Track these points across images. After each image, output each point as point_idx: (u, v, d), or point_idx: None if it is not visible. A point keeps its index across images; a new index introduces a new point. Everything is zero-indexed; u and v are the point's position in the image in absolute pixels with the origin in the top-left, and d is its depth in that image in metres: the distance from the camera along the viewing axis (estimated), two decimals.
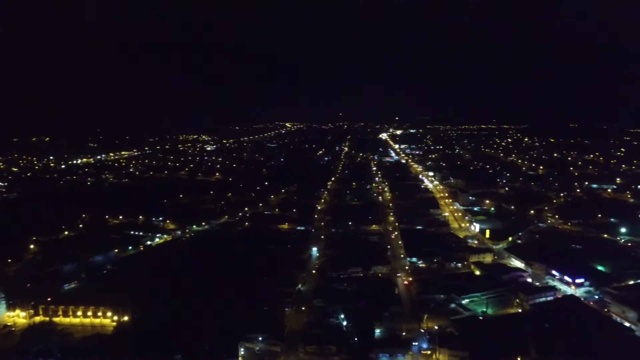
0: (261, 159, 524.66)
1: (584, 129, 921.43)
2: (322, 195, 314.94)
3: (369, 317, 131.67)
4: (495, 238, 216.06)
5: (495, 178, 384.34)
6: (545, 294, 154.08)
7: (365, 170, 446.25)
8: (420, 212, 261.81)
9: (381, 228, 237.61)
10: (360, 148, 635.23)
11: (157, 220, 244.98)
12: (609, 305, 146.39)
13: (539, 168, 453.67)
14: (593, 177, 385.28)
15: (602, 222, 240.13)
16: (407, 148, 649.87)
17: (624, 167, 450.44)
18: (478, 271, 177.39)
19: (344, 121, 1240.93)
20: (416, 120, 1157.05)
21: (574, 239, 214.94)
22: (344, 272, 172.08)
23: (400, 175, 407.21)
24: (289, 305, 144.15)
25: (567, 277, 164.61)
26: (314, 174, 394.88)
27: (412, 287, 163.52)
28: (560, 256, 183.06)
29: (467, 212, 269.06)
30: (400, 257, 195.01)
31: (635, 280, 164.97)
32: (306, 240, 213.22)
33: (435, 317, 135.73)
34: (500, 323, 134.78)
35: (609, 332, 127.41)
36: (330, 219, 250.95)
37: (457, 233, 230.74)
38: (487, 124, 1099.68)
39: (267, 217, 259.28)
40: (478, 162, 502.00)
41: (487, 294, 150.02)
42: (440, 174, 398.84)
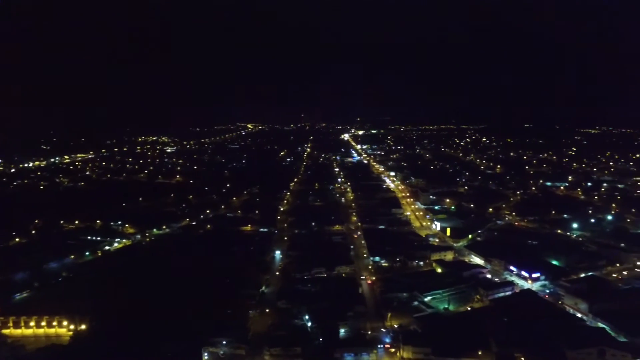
0: (223, 161, 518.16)
1: (538, 129, 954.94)
2: (285, 196, 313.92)
3: (334, 317, 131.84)
4: (455, 236, 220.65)
5: (455, 177, 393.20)
6: (503, 289, 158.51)
7: (328, 170, 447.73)
8: (383, 211, 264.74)
9: (344, 228, 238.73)
10: (322, 149, 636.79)
11: (116, 224, 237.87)
12: (563, 298, 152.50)
13: (496, 167, 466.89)
14: (547, 176, 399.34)
15: (555, 219, 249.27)
16: (369, 148, 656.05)
17: (575, 166, 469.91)
18: (439, 269, 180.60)
19: (305, 122, 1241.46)
20: (377, 120, 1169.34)
21: (530, 235, 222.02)
22: (308, 273, 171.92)
23: (362, 175, 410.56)
24: (253, 308, 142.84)
25: (524, 272, 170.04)
26: (276, 175, 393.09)
27: (375, 286, 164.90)
28: (517, 252, 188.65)
29: (428, 211, 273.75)
30: (364, 257, 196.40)
31: (586, 273, 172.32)
32: (269, 241, 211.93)
33: (399, 315, 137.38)
34: (462, 319, 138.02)
35: (563, 323, 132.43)
36: (293, 220, 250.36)
37: (418, 232, 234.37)
38: (447, 124, 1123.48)
39: (229, 219, 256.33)
40: (438, 161, 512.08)
41: (449, 291, 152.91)
42: (402, 174, 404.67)
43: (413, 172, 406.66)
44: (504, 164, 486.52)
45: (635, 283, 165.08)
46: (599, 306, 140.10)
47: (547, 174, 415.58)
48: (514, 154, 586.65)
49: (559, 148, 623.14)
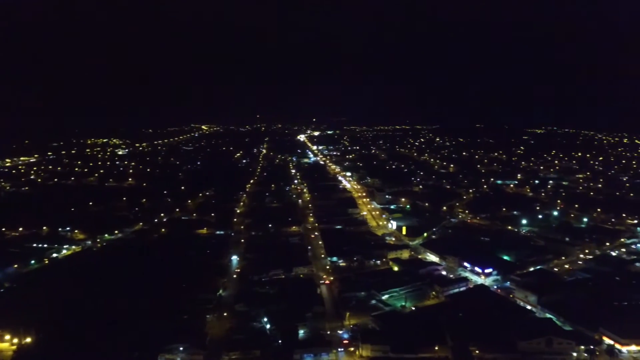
0: (177, 163, 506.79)
1: (489, 129, 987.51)
2: (241, 198, 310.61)
3: (292, 319, 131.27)
4: (411, 234, 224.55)
5: (410, 177, 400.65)
6: (458, 285, 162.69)
7: (284, 171, 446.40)
8: (339, 211, 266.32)
9: (301, 229, 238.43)
10: (278, 150, 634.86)
11: (64, 230, 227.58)
12: (514, 291, 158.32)
13: (449, 166, 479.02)
14: (497, 174, 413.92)
15: (506, 215, 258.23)
16: (325, 149, 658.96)
17: (523, 164, 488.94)
18: (396, 267, 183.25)
19: (261, 123, 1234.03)
20: (333, 121, 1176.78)
21: (482, 232, 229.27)
22: (266, 275, 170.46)
23: (318, 176, 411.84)
24: (210, 312, 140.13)
25: (477, 267, 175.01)
26: (232, 176, 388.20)
27: (333, 286, 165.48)
28: (470, 249, 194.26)
29: (384, 211, 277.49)
30: (321, 257, 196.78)
31: (535, 267, 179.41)
32: (226, 244, 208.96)
33: (357, 314, 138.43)
34: (419, 315, 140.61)
35: (514, 315, 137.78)
36: (250, 222, 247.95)
37: (375, 231, 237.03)
38: (401, 124, 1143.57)
39: (184, 222, 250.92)
40: (393, 161, 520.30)
41: (406, 289, 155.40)
42: (358, 174, 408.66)
43: (369, 172, 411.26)
44: (456, 163, 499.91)
45: (578, 274, 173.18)
46: (547, 298, 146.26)
47: (498, 172, 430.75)
48: (466, 153, 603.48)
49: (508, 147, 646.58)
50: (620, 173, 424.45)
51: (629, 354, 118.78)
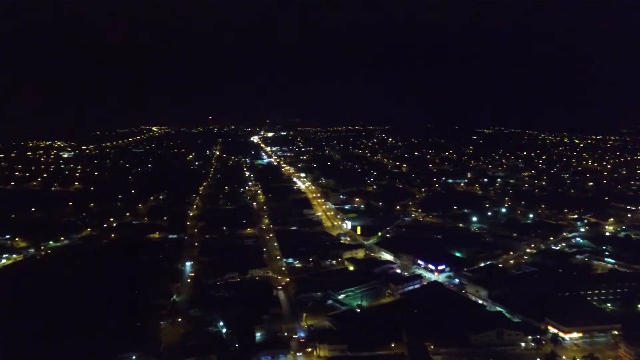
0: (127, 166, 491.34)
1: (440, 129, 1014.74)
2: (194, 201, 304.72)
3: (249, 322, 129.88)
4: (366, 234, 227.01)
5: (363, 177, 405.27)
6: (412, 282, 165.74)
7: (238, 173, 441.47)
8: (294, 212, 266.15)
9: (256, 231, 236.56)
10: (231, 151, 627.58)
11: (3, 238, 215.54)
12: (466, 287, 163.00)
13: (402, 166, 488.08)
14: (448, 173, 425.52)
15: (457, 213, 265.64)
16: (279, 150, 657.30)
17: (473, 163, 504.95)
18: (352, 266, 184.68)
19: (214, 124, 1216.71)
20: (287, 122, 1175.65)
21: (434, 230, 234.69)
22: (221, 278, 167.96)
23: (273, 177, 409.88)
24: (164, 318, 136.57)
25: (430, 265, 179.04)
26: (184, 179, 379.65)
27: (290, 288, 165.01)
28: (424, 246, 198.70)
29: (338, 211, 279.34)
30: (277, 259, 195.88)
31: (485, 263, 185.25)
32: (179, 248, 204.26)
33: (314, 314, 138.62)
34: (375, 314, 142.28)
35: (466, 310, 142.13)
36: (204, 224, 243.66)
37: (330, 231, 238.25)
38: (355, 125, 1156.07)
39: (135, 227, 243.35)
40: (347, 162, 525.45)
41: (361, 288, 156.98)
42: (312, 175, 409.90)
43: (323, 173, 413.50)
44: (409, 163, 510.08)
45: (525, 268, 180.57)
46: (497, 292, 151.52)
47: (449, 171, 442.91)
48: (418, 153, 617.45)
49: (458, 147, 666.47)
50: (561, 171, 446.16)
51: (570, 340, 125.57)
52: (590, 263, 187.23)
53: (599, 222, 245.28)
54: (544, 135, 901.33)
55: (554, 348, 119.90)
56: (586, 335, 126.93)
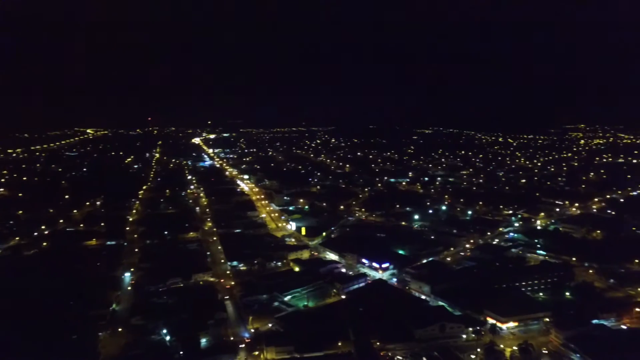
0: (59, 170, 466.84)
1: (381, 129, 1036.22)
2: (134, 205, 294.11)
3: (193, 328, 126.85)
4: (310, 234, 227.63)
5: (307, 177, 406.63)
6: (357, 281, 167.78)
7: (179, 176, 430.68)
8: (238, 215, 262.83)
9: (199, 235, 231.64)
10: (172, 154, 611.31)
11: None
12: (409, 283, 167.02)
13: (345, 166, 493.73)
14: (390, 173, 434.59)
15: (399, 212, 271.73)
16: (222, 152, 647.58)
17: (414, 163, 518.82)
18: (297, 267, 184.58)
19: (153, 126, 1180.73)
20: (229, 123, 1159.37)
21: (378, 229, 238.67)
22: (163, 284, 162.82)
23: (215, 179, 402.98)
24: (103, 329, 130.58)
25: (374, 263, 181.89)
26: (122, 183, 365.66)
27: (235, 291, 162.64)
28: (368, 245, 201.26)
29: (283, 212, 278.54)
30: (221, 262, 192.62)
31: (428, 259, 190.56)
32: (118, 255, 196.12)
33: (260, 317, 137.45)
34: (321, 314, 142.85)
35: (410, 305, 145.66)
36: (145, 229, 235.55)
37: (274, 233, 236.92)
38: (297, 126, 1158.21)
39: (69, 234, 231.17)
40: (291, 163, 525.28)
41: (307, 288, 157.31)
42: (256, 176, 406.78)
43: (267, 175, 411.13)
44: (352, 163, 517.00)
45: (465, 263, 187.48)
46: (439, 287, 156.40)
47: (391, 171, 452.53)
48: (361, 153, 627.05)
49: (399, 147, 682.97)
50: (497, 169, 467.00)
51: (507, 330, 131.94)
52: (524, 256, 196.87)
53: (531, 217, 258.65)
54: (480, 135, 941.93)
55: (492, 338, 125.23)
56: (521, 324, 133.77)
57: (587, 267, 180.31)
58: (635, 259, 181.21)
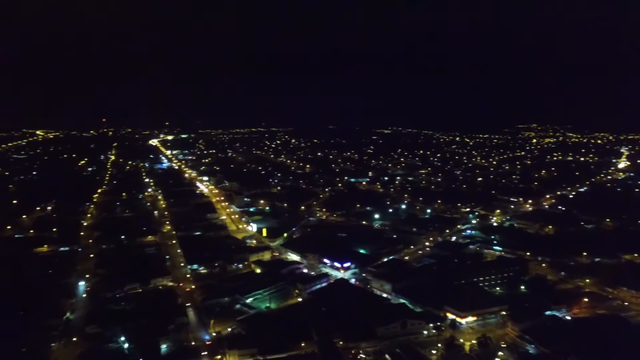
0: (6, 174, 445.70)
1: (341, 130, 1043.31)
2: (88, 209, 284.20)
3: (153, 334, 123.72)
4: (272, 235, 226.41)
5: (267, 178, 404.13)
6: (319, 281, 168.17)
7: (136, 179, 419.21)
8: (197, 217, 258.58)
9: (157, 238, 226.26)
10: (128, 156, 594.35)
11: None
12: (371, 282, 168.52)
13: (306, 167, 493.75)
14: (351, 172, 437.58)
15: (360, 211, 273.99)
16: (180, 153, 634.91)
17: (374, 162, 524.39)
18: (259, 269, 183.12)
19: (108, 127, 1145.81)
20: (187, 124, 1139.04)
21: (339, 229, 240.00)
22: (120, 290, 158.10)
23: (174, 181, 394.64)
24: (56, 339, 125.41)
25: (336, 263, 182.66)
26: (76, 186, 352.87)
27: (196, 295, 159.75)
28: (329, 245, 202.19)
29: (243, 214, 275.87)
30: (181, 266, 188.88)
31: (388, 258, 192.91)
32: (72, 261, 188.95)
33: (222, 320, 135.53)
34: (284, 315, 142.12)
35: (372, 304, 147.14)
36: (100, 234, 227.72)
37: (235, 235, 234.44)
38: (257, 127, 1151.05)
39: (18, 241, 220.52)
40: (251, 164, 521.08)
41: (269, 290, 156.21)
42: (215, 178, 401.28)
43: (226, 176, 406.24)
44: (312, 163, 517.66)
45: (425, 261, 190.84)
46: (400, 285, 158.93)
47: (351, 171, 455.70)
48: (321, 153, 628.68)
49: (359, 147, 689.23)
50: (454, 168, 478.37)
51: (467, 324, 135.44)
52: (481, 252, 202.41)
53: (487, 214, 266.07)
54: (438, 134, 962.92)
55: (452, 333, 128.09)
56: (479, 319, 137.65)
57: (540, 261, 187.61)
58: (583, 252, 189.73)
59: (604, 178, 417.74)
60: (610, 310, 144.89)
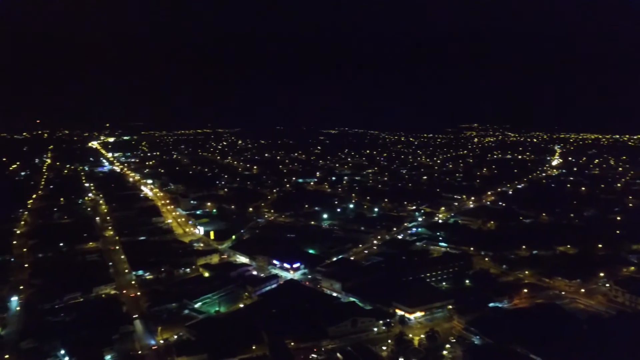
0: None
1: (288, 130, 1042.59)
2: (22, 216, 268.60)
3: (96, 344, 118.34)
4: (220, 238, 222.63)
5: (214, 180, 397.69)
6: (269, 283, 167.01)
7: (75, 183, 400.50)
8: (142, 221, 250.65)
9: (99, 244, 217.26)
10: (66, 159, 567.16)
11: None
12: (321, 282, 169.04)
13: (253, 168, 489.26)
14: (298, 173, 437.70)
15: (308, 212, 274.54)
16: (122, 156, 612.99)
17: (321, 163, 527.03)
18: (207, 273, 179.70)
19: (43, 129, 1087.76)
20: (129, 126, 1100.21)
21: (288, 229, 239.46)
22: (59, 301, 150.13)
23: (116, 185, 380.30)
24: None
25: (285, 264, 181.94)
26: (7, 192, 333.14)
27: (141, 302, 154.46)
28: (278, 246, 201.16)
29: (190, 217, 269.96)
30: (125, 272, 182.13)
31: (338, 257, 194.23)
32: (4, 272, 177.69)
33: (170, 327, 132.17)
34: (234, 318, 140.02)
35: (322, 304, 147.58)
36: (36, 242, 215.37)
37: (182, 238, 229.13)
38: (203, 128, 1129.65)
39: None
40: (197, 166, 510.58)
41: (218, 293, 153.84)
42: (160, 181, 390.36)
43: (172, 179, 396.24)
44: (259, 164, 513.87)
45: (373, 259, 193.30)
46: (349, 283, 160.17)
47: (299, 171, 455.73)
48: (268, 154, 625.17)
49: (306, 147, 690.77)
50: (400, 167, 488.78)
51: (415, 319, 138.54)
52: (428, 248, 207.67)
53: (433, 212, 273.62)
54: (384, 134, 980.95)
55: (402, 329, 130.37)
56: (427, 313, 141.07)
57: (483, 255, 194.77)
58: (522, 245, 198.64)
59: (540, 175, 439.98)
60: (548, 299, 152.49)
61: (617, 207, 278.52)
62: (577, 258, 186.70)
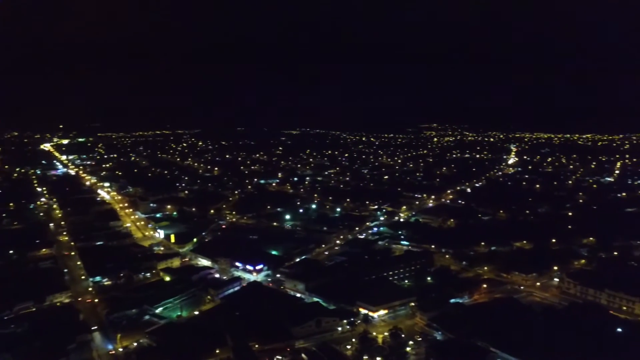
0: None
1: (249, 131, 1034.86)
2: None
3: (51, 355, 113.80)
4: (180, 241, 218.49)
5: (174, 182, 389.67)
6: (232, 285, 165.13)
7: (26, 187, 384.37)
8: (99, 226, 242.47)
9: (53, 251, 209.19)
10: (16, 162, 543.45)
11: None
12: (284, 283, 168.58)
13: (214, 169, 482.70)
14: (260, 174, 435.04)
15: (271, 213, 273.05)
16: (77, 159, 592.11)
17: (283, 163, 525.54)
18: (168, 277, 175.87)
19: None
20: (85, 127, 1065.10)
21: (250, 231, 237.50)
22: (9, 311, 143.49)
23: (71, 189, 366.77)
24: None
25: (248, 265, 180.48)
26: None
27: (99, 309, 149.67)
28: (240, 248, 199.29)
29: (149, 220, 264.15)
30: (82, 279, 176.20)
31: (301, 257, 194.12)
32: None
33: (130, 333, 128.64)
34: (196, 322, 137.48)
35: (286, 305, 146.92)
36: None
37: (141, 242, 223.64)
38: (162, 129, 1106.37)
39: None
40: (156, 168, 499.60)
41: (180, 298, 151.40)
42: (118, 184, 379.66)
43: (130, 181, 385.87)
44: (220, 166, 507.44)
45: (336, 259, 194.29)
46: (313, 284, 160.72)
47: (260, 172, 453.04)
48: (230, 155, 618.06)
49: (268, 148, 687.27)
50: (361, 167, 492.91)
51: (379, 318, 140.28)
52: (390, 247, 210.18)
53: (394, 211, 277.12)
54: (345, 135, 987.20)
55: (366, 327, 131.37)
56: (390, 311, 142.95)
57: (444, 252, 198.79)
58: (481, 242, 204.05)
59: (497, 173, 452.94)
60: (506, 293, 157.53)
61: (569, 203, 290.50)
62: (533, 253, 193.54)
